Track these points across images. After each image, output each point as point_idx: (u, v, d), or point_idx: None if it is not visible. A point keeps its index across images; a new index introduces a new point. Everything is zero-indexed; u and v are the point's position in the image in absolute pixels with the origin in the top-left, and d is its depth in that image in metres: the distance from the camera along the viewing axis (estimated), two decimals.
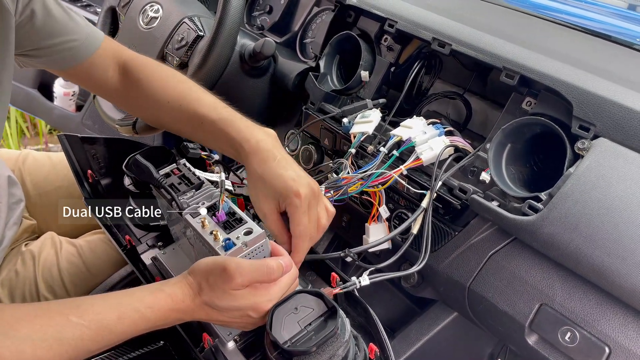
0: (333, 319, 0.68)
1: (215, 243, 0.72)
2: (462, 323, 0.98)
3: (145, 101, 0.92)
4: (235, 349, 0.76)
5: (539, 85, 0.83)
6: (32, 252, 1.06)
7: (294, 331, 0.67)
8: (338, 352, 0.65)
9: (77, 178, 1.05)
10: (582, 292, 0.75)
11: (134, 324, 0.65)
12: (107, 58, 0.92)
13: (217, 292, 0.68)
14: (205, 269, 0.69)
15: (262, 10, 1.41)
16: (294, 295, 0.71)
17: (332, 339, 0.65)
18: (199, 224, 0.75)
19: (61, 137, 1.05)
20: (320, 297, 0.71)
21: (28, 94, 2.15)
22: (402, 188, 0.92)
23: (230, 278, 0.67)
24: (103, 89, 0.96)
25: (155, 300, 0.66)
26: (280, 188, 0.75)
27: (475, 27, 0.97)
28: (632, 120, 0.74)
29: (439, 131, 0.93)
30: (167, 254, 0.91)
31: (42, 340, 0.59)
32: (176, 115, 0.88)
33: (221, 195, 0.77)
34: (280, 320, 0.68)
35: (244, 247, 0.72)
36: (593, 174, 0.73)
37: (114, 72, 0.93)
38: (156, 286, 0.69)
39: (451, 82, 1.09)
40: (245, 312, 0.69)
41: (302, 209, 0.75)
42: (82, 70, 0.90)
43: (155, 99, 0.90)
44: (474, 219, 0.86)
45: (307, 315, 0.69)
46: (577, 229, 0.72)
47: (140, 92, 0.91)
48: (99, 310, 0.64)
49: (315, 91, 1.12)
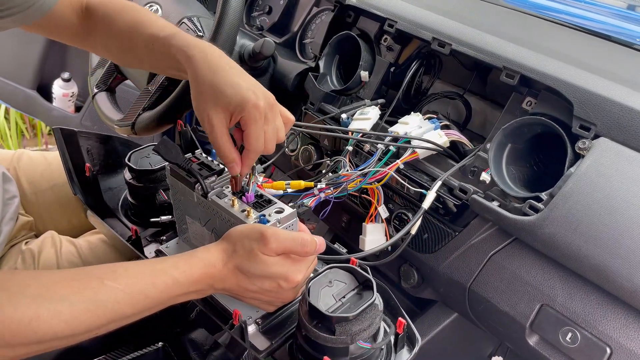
0: (368, 290, 0.70)
1: (249, 219, 0.73)
2: (463, 324, 0.98)
3: (108, 38, 0.90)
4: (257, 332, 0.76)
5: (539, 85, 0.83)
6: (32, 251, 1.06)
7: (330, 303, 0.68)
8: (376, 321, 0.67)
9: (67, 172, 1.04)
10: (583, 293, 0.75)
11: (168, 289, 0.65)
12: (71, 4, 0.91)
13: (251, 255, 0.68)
14: (241, 233, 0.70)
15: (261, 10, 1.41)
16: (327, 270, 0.72)
17: (370, 307, 0.67)
18: (229, 203, 0.75)
19: (56, 130, 1.04)
20: (351, 272, 0.72)
21: (27, 95, 2.15)
22: (401, 187, 0.92)
23: (267, 242, 0.67)
24: (70, 36, 0.94)
25: (188, 265, 0.67)
26: (235, 98, 0.71)
27: (475, 27, 0.97)
28: (633, 120, 0.74)
29: (434, 125, 0.93)
30: (171, 247, 0.91)
31: (80, 302, 0.59)
32: (132, 43, 0.86)
33: (252, 176, 0.77)
34: (316, 292, 0.69)
35: (278, 223, 0.73)
36: (594, 173, 0.73)
37: (77, 18, 0.92)
38: (190, 252, 0.69)
39: (451, 82, 1.09)
40: (276, 282, 0.69)
41: (260, 122, 0.71)
42: (48, 21, 0.89)
43: (114, 32, 0.88)
44: (475, 219, 0.86)
45: (341, 289, 0.70)
46: (578, 229, 0.72)
47: (102, 30, 0.90)
48: (133, 274, 0.64)
49: (315, 91, 1.11)
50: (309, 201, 0.88)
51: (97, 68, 1.23)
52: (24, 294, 0.57)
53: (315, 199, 0.89)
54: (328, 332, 0.65)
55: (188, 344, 0.80)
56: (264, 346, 0.73)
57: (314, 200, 0.88)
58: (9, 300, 0.56)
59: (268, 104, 0.73)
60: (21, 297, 0.57)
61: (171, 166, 0.81)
